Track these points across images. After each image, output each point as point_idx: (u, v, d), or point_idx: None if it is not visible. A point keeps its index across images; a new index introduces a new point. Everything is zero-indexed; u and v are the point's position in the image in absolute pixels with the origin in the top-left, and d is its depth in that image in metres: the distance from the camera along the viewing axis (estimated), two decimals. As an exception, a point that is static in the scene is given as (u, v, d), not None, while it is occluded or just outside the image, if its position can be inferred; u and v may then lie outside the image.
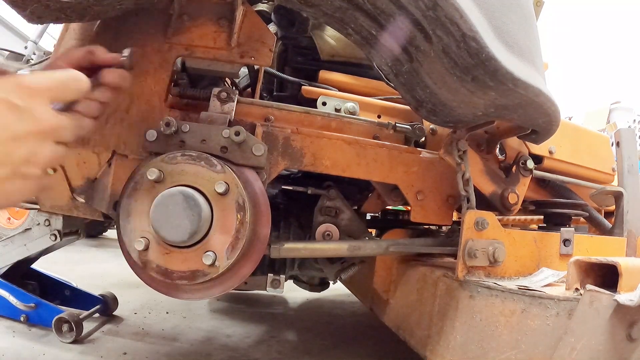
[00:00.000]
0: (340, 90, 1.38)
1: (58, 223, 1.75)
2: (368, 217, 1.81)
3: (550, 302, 0.88)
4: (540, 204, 1.35)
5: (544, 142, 1.17)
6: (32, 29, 4.68)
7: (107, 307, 2.05)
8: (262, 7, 1.51)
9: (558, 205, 1.31)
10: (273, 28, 1.51)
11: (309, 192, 1.25)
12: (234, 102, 1.05)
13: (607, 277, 0.86)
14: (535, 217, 2.06)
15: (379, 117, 1.31)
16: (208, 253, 0.87)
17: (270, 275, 1.27)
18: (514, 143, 1.29)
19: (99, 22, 1.04)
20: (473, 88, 0.85)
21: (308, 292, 2.06)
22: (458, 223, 1.14)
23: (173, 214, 0.85)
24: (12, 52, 4.34)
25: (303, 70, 1.54)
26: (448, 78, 0.86)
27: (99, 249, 4.43)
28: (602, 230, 1.46)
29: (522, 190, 1.25)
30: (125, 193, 0.92)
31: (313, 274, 1.64)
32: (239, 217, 0.89)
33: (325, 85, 1.42)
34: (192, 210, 0.86)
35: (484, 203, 1.19)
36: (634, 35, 10.35)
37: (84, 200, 1.13)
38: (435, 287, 1.10)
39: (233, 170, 0.93)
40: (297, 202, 1.39)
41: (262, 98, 1.46)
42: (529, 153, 1.30)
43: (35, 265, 2.06)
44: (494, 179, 1.22)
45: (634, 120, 7.61)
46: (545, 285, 0.99)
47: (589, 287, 0.84)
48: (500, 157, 1.30)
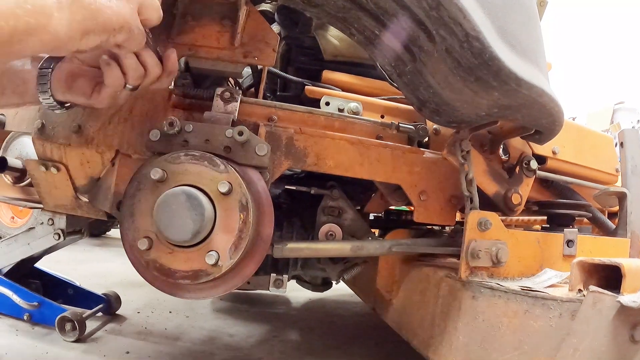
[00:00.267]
0: (344, 90, 1.38)
1: (61, 222, 1.75)
2: (371, 217, 1.82)
3: (553, 303, 0.87)
4: (544, 205, 1.35)
5: (548, 142, 1.17)
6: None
7: (110, 306, 2.05)
8: (265, 7, 1.51)
9: (561, 206, 1.31)
10: (276, 28, 1.51)
11: (312, 192, 1.25)
12: (237, 102, 1.05)
13: (610, 278, 0.86)
14: (539, 217, 2.05)
15: (382, 117, 1.31)
16: (211, 253, 0.87)
17: (273, 275, 1.27)
18: (518, 143, 1.29)
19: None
20: (476, 88, 0.85)
21: (311, 292, 2.06)
22: (461, 223, 1.14)
23: (176, 214, 0.85)
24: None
25: (306, 70, 1.54)
26: (451, 78, 0.86)
27: (102, 248, 4.44)
28: (605, 231, 1.45)
29: (525, 191, 1.24)
30: (129, 192, 0.92)
31: (316, 274, 1.64)
32: (242, 216, 0.89)
33: (329, 85, 1.42)
34: (195, 210, 0.86)
35: (487, 203, 1.19)
36: (638, 35, 10.32)
37: (88, 200, 1.14)
38: (438, 287, 1.10)
39: (236, 170, 0.93)
40: (300, 202, 1.39)
41: (265, 98, 1.46)
42: (533, 153, 1.30)
43: (39, 264, 2.07)
44: (497, 180, 1.22)
45: (638, 121, 7.57)
46: (549, 286, 0.98)
47: (592, 288, 0.83)
48: (504, 157, 1.29)
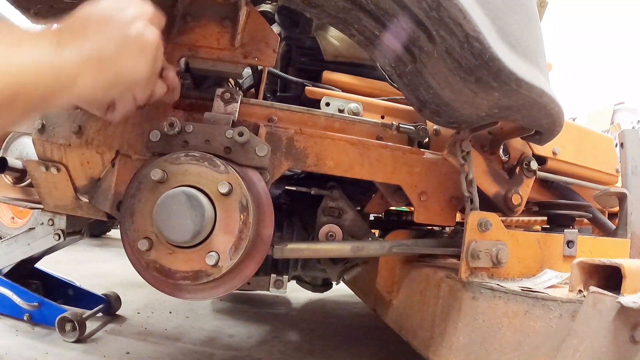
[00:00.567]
0: (344, 91, 1.38)
1: (62, 222, 1.75)
2: (371, 217, 1.81)
3: (554, 303, 0.87)
4: (544, 205, 1.35)
5: (548, 143, 1.17)
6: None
7: (110, 306, 2.05)
8: (265, 7, 1.51)
9: (561, 207, 1.30)
10: (276, 29, 1.51)
11: (312, 192, 1.25)
12: (238, 102, 1.05)
13: (610, 278, 0.86)
14: (539, 218, 2.05)
15: (383, 117, 1.31)
16: (211, 253, 0.87)
17: (273, 276, 1.27)
18: (518, 144, 1.29)
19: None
20: (476, 89, 0.85)
21: (311, 292, 2.07)
22: (461, 224, 1.14)
23: (176, 215, 0.85)
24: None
25: (306, 71, 1.54)
26: (451, 79, 0.86)
27: (103, 249, 4.44)
28: (605, 232, 1.45)
29: (525, 191, 1.24)
30: (129, 193, 0.92)
31: (316, 275, 1.64)
32: (242, 217, 0.89)
33: (329, 86, 1.42)
34: (195, 211, 0.86)
35: (488, 204, 1.19)
36: (638, 36, 10.32)
37: (88, 200, 1.13)
38: (439, 288, 1.09)
39: (236, 171, 0.93)
40: (300, 202, 1.39)
41: (265, 98, 1.46)
42: (533, 154, 1.30)
43: (39, 265, 2.07)
44: (498, 180, 1.22)
45: (638, 121, 7.57)
46: (549, 287, 0.98)
47: (593, 288, 0.83)
48: (504, 158, 1.29)
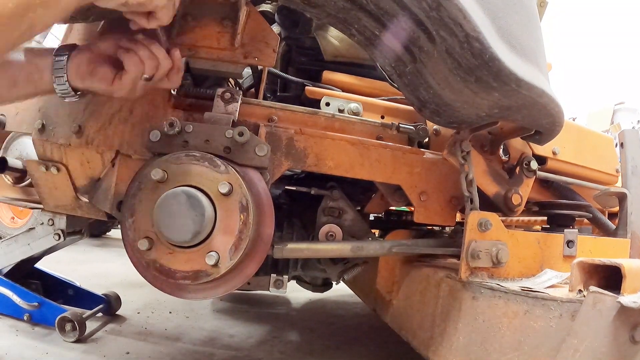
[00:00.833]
0: (344, 91, 1.38)
1: (62, 222, 1.75)
2: (371, 217, 1.81)
3: (554, 303, 0.87)
4: (544, 205, 1.35)
5: (548, 142, 1.17)
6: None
7: (110, 306, 2.05)
8: (265, 7, 1.51)
9: (562, 207, 1.30)
10: (276, 28, 1.51)
11: (313, 192, 1.25)
12: (238, 102, 1.05)
13: (610, 278, 0.86)
14: (539, 218, 2.05)
15: (383, 117, 1.31)
16: (211, 253, 0.87)
17: (273, 276, 1.27)
18: (518, 144, 1.29)
19: (103, 22, 1.04)
20: (476, 89, 0.85)
21: (311, 292, 2.06)
22: (461, 224, 1.14)
23: (176, 214, 0.85)
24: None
25: (306, 71, 1.54)
26: (451, 79, 0.86)
27: (103, 249, 4.44)
28: (605, 232, 1.45)
29: (525, 191, 1.24)
30: (129, 193, 0.92)
31: (316, 275, 1.64)
32: (242, 217, 0.89)
33: (329, 86, 1.42)
34: (195, 211, 0.86)
35: (488, 204, 1.19)
36: (638, 35, 10.31)
37: (88, 200, 1.13)
38: (438, 288, 1.09)
39: (236, 171, 0.93)
40: (300, 202, 1.39)
41: (265, 98, 1.46)
42: (533, 154, 1.30)
43: (39, 265, 2.07)
44: (498, 180, 1.22)
45: (638, 121, 7.57)
46: (549, 287, 0.98)
47: (593, 288, 0.83)
48: (504, 158, 1.29)
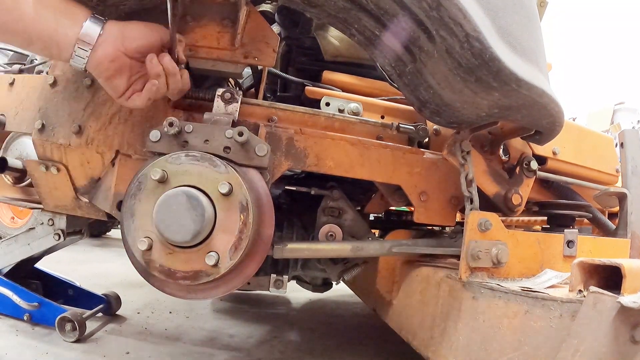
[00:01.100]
0: (344, 91, 1.38)
1: (62, 222, 1.75)
2: (371, 217, 1.81)
3: (554, 303, 0.87)
4: (544, 205, 1.35)
5: (548, 143, 1.17)
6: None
7: (110, 306, 2.05)
8: (265, 7, 1.51)
9: (562, 207, 1.31)
10: (276, 28, 1.51)
11: (313, 192, 1.25)
12: (238, 102, 1.05)
13: (610, 279, 0.86)
14: (539, 218, 2.05)
15: (383, 117, 1.31)
16: (211, 253, 0.87)
17: (274, 276, 1.27)
18: (518, 144, 1.29)
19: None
20: (477, 89, 0.85)
21: (311, 292, 2.06)
22: (461, 224, 1.14)
23: (176, 214, 0.85)
24: (16, 52, 4.34)
25: (306, 71, 1.54)
26: (451, 78, 0.86)
27: (103, 249, 4.44)
28: (605, 232, 1.45)
29: (525, 191, 1.24)
30: (129, 193, 0.92)
31: (316, 275, 1.64)
32: (242, 217, 0.89)
33: (329, 86, 1.42)
34: (195, 211, 0.86)
35: (488, 204, 1.19)
36: (638, 35, 10.32)
37: (88, 200, 1.14)
38: (439, 288, 1.09)
39: (236, 171, 0.93)
40: (300, 202, 1.39)
41: (265, 98, 1.46)
42: (533, 154, 1.30)
43: (39, 265, 2.07)
44: (498, 180, 1.22)
45: (638, 121, 7.57)
46: (549, 287, 0.98)
47: (593, 288, 0.83)
48: (504, 157, 1.29)
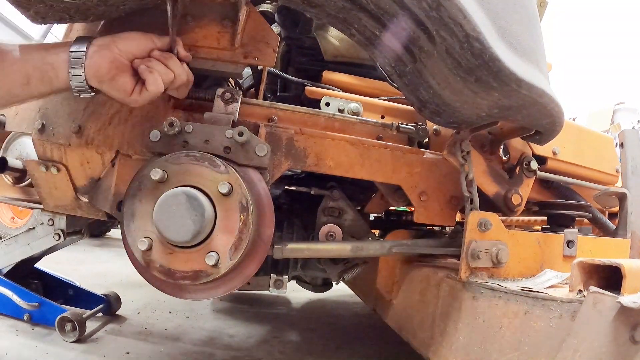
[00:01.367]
0: (344, 91, 1.38)
1: (62, 222, 1.75)
2: (371, 217, 1.81)
3: (554, 303, 0.87)
4: (544, 205, 1.35)
5: (548, 143, 1.17)
6: (36, 29, 4.68)
7: (110, 306, 2.05)
8: (265, 7, 1.51)
9: (561, 207, 1.30)
10: (276, 28, 1.51)
11: (313, 192, 1.25)
12: (238, 102, 1.05)
13: (610, 278, 0.86)
14: (539, 218, 2.05)
15: (383, 117, 1.31)
16: (211, 253, 0.87)
17: (273, 276, 1.27)
18: (518, 144, 1.29)
19: (103, 22, 1.04)
20: (477, 89, 0.85)
21: (311, 292, 2.06)
22: (461, 224, 1.14)
23: (176, 214, 0.85)
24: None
25: (306, 71, 1.54)
26: (451, 79, 0.86)
27: (103, 249, 4.44)
28: (605, 232, 1.45)
29: (525, 191, 1.24)
30: (129, 193, 0.92)
31: (316, 275, 1.64)
32: (242, 217, 0.89)
33: (329, 86, 1.42)
34: (195, 211, 0.86)
35: (488, 204, 1.19)
36: (638, 35, 10.32)
37: (88, 200, 1.13)
38: (438, 288, 1.09)
39: (236, 171, 0.92)
40: (300, 202, 1.39)
41: (265, 98, 1.46)
42: (533, 154, 1.30)
43: (39, 265, 2.07)
44: (498, 180, 1.22)
45: (638, 121, 7.57)
46: (549, 287, 0.98)
47: (593, 288, 0.83)
48: (504, 158, 1.29)
